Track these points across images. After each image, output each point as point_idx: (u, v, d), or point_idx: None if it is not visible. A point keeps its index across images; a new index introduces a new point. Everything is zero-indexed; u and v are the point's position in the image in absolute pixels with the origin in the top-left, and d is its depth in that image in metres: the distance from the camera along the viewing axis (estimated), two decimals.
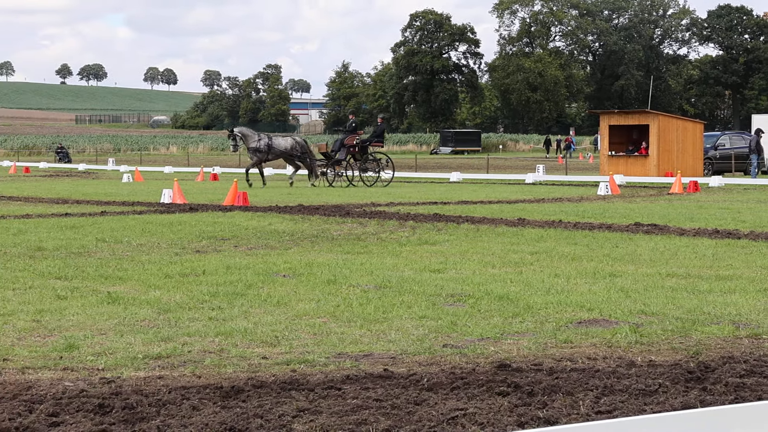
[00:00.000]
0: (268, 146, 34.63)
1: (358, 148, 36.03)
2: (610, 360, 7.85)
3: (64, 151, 73.09)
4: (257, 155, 34.66)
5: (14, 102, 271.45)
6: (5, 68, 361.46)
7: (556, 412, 6.29)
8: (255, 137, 35.04)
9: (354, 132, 36.64)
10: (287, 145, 35.30)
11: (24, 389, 6.93)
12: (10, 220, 20.23)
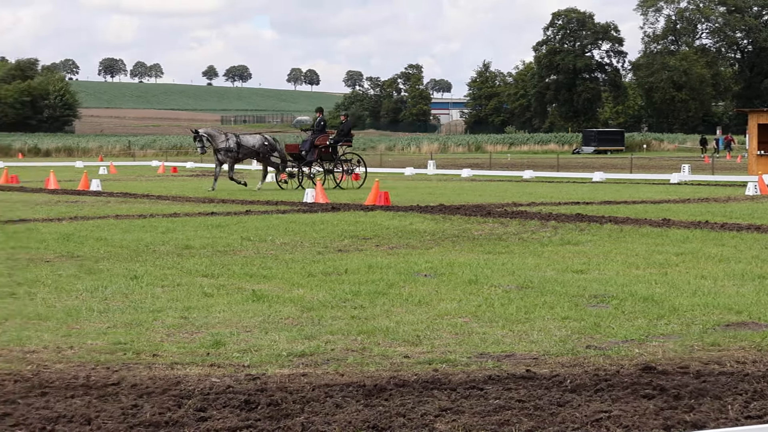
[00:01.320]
0: (237, 144, 33.17)
1: (329, 148, 34.35)
2: (759, 364, 7.66)
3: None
4: (229, 155, 32.96)
5: (163, 103, 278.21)
6: (154, 70, 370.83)
7: (704, 416, 6.17)
8: (222, 137, 33.34)
9: (323, 131, 34.40)
10: (255, 142, 33.74)
11: (173, 384, 7.10)
12: (158, 219, 20.74)
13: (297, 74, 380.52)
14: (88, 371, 7.55)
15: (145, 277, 12.21)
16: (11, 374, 7.42)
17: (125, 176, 47.39)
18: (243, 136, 33.61)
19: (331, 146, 34.09)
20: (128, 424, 6.07)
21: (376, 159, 75.33)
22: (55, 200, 27.48)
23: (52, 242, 16.05)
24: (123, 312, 10.00)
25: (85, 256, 14.43)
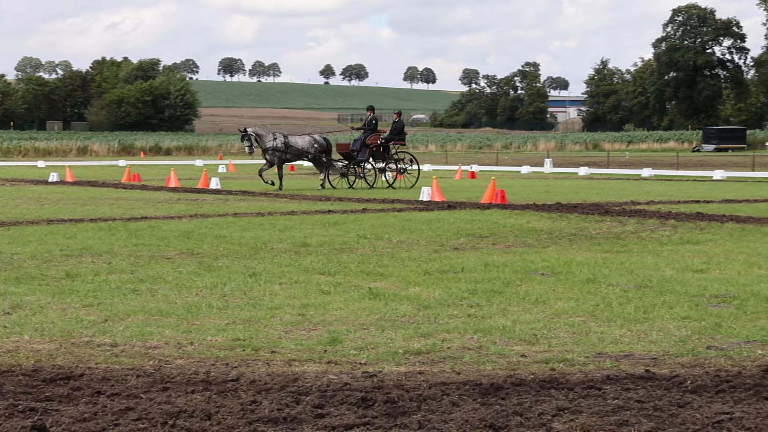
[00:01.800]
0: (285, 144, 32.80)
1: (381, 147, 33.48)
2: None
3: None
4: (276, 155, 32.71)
5: (280, 102, 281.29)
6: (272, 69, 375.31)
7: None
8: (270, 136, 33.07)
9: (375, 130, 33.63)
10: (304, 143, 33.12)
11: (291, 381, 7.17)
12: (276, 217, 20.97)
13: (413, 72, 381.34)
14: (208, 367, 7.67)
15: (263, 275, 12.36)
16: (134, 369, 7.58)
17: (244, 174, 48.03)
18: (291, 137, 33.26)
19: (383, 145, 33.46)
20: (247, 420, 6.15)
21: (492, 157, 75.08)
22: (176, 198, 27.99)
23: (173, 239, 16.35)
24: (242, 309, 10.13)
25: (204, 253, 14.66)
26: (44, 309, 10.09)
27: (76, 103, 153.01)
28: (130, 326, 9.25)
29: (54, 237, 16.63)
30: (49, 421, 6.13)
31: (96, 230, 17.87)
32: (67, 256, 14.16)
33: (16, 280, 11.87)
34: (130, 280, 11.99)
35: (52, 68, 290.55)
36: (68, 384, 7.10)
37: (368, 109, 34.55)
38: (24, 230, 17.93)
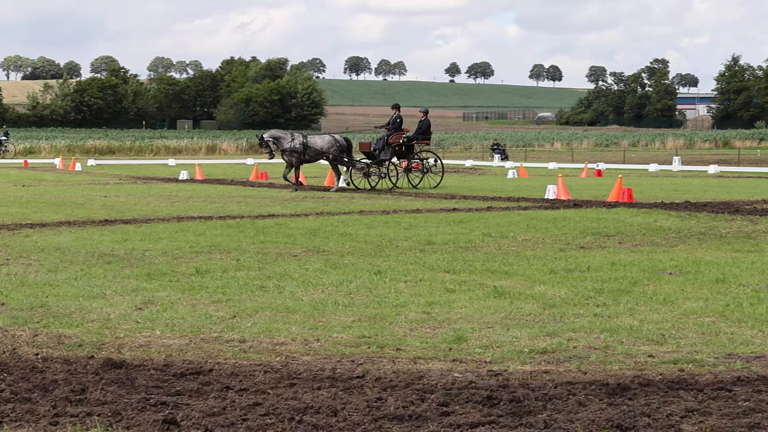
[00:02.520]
0: (303, 145, 31.61)
1: (404, 146, 32.33)
2: None
3: (501, 148, 71.98)
4: (295, 156, 31.74)
5: (405, 100, 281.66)
6: (398, 68, 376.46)
7: None
8: (288, 137, 32.18)
9: (399, 129, 32.52)
10: (323, 143, 31.93)
11: (416, 378, 7.19)
12: (401, 215, 21.04)
13: (539, 70, 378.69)
14: (334, 364, 7.74)
15: (388, 272, 12.41)
16: (262, 365, 7.69)
17: None
18: (311, 137, 32.31)
19: (406, 144, 32.38)
20: (372, 417, 6.19)
21: (619, 155, 74.11)
22: (302, 196, 28.29)
23: (300, 237, 16.53)
24: (367, 306, 10.19)
25: (330, 250, 14.79)
26: (175, 305, 10.30)
27: (206, 102, 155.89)
28: (258, 322, 9.38)
29: (184, 234, 16.96)
30: (180, 415, 6.25)
31: (225, 227, 18.17)
32: (196, 253, 14.43)
33: (147, 276, 12.15)
34: (257, 277, 12.16)
35: (182, 68, 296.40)
36: (198, 379, 7.23)
37: (393, 107, 33.53)
38: (155, 227, 18.32)
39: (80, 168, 50.78)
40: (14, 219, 19.91)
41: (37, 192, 29.51)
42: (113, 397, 6.69)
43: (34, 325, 9.28)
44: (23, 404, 6.50)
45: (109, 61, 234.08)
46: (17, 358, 7.92)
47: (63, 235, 16.95)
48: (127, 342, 8.58)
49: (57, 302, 10.42)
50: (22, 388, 6.89)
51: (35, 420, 6.18)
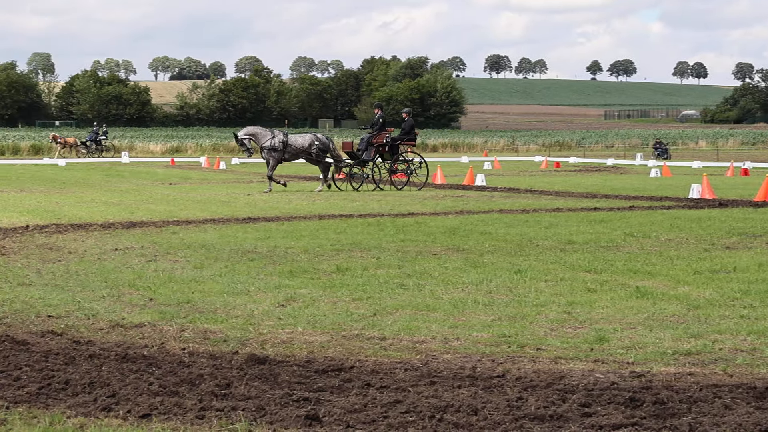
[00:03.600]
0: (284, 143, 30.20)
1: (387, 147, 31.00)
2: None
3: (663, 147, 70.43)
4: (273, 155, 30.25)
5: (546, 99, 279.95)
6: (539, 66, 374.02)
7: None
8: (268, 134, 30.74)
9: (382, 129, 31.25)
10: (304, 141, 30.53)
11: (557, 378, 7.14)
12: (541, 214, 20.90)
13: (683, 67, 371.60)
14: (474, 362, 7.73)
15: (528, 271, 12.34)
16: (402, 362, 7.73)
17: (508, 171, 48.10)
18: (292, 136, 31.14)
19: (390, 145, 31.12)
20: (513, 416, 6.17)
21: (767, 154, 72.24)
22: (442, 195, 28.33)
23: (439, 235, 16.55)
24: (507, 305, 10.16)
25: (470, 249, 14.77)
26: (316, 302, 10.43)
27: (347, 101, 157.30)
28: (398, 320, 9.43)
29: (325, 232, 17.15)
30: (322, 411, 6.33)
31: (365, 225, 18.31)
32: (337, 251, 14.57)
33: (290, 274, 12.32)
34: (397, 275, 12.22)
35: (324, 67, 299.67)
36: (339, 375, 7.31)
37: (375, 107, 32.66)
38: (297, 225, 18.57)
39: (224, 166, 51.74)
40: (162, 216, 20.41)
41: (183, 190, 30.19)
42: (257, 392, 6.81)
43: (181, 320, 9.50)
44: (171, 398, 6.66)
45: (253, 62, 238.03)
46: (165, 352, 8.13)
47: (208, 232, 17.31)
48: (270, 338, 8.72)
49: (202, 298, 10.65)
50: (169, 382, 7.06)
51: (182, 413, 6.32)
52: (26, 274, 12.33)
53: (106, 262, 13.50)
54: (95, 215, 20.55)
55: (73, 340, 8.56)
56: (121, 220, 19.51)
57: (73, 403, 6.54)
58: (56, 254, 14.26)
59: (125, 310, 10.03)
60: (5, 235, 16.60)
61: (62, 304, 10.32)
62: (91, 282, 11.74)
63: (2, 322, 9.42)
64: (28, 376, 7.21)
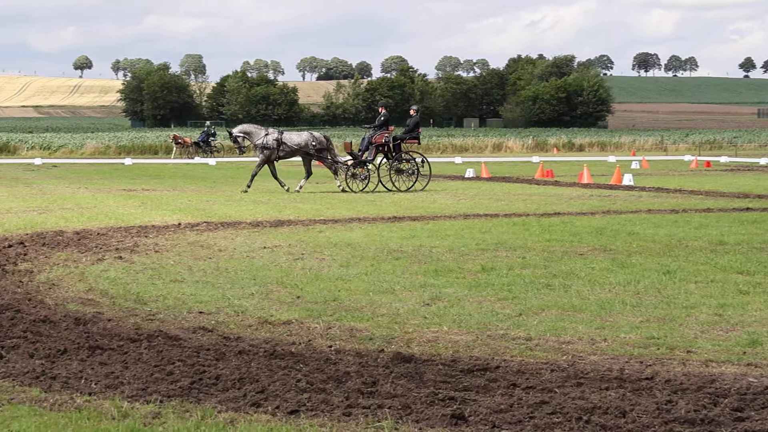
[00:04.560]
0: (278, 141, 29.37)
1: (389, 146, 29.92)
2: None
3: None
4: (264, 152, 29.53)
5: (696, 97, 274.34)
6: (689, 63, 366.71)
7: None
8: (261, 133, 29.93)
9: (383, 128, 30.18)
10: (300, 139, 29.67)
11: (707, 382, 6.99)
12: (691, 214, 20.48)
13: None
14: (622, 364, 7.63)
15: (677, 273, 12.11)
16: (548, 363, 7.67)
17: (657, 171, 47.26)
18: (287, 134, 30.24)
19: (388, 144, 30.02)
20: (662, 420, 6.06)
21: None
22: (588, 194, 28.00)
23: (586, 235, 16.37)
24: (655, 307, 9.99)
25: (617, 249, 14.57)
26: (461, 301, 10.42)
27: (492, 100, 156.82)
28: (544, 321, 9.36)
29: (470, 231, 17.13)
30: (468, 410, 6.32)
31: (510, 225, 18.22)
32: (482, 250, 14.54)
33: (435, 273, 12.34)
34: (543, 275, 12.13)
35: (469, 67, 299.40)
36: (485, 375, 7.29)
37: (380, 105, 31.82)
38: (442, 224, 18.59)
39: None
40: (308, 215, 20.68)
41: (330, 189, 30.50)
42: (403, 390, 6.84)
43: (328, 318, 9.61)
44: (318, 394, 6.74)
45: (399, 61, 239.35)
46: (312, 349, 8.23)
47: (354, 231, 17.46)
48: (415, 337, 8.76)
49: (348, 296, 10.75)
50: (317, 379, 7.15)
51: (329, 410, 6.40)
52: (178, 271, 12.64)
53: (255, 259, 13.74)
54: (244, 214, 20.93)
55: (223, 336, 8.74)
56: (270, 218, 19.83)
57: (223, 398, 6.68)
58: (207, 252, 14.58)
59: (273, 307, 10.20)
60: (158, 233, 17.04)
61: (213, 300, 10.55)
62: (241, 279, 11.97)
63: (156, 317, 9.68)
64: (181, 371, 7.39)
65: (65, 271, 12.64)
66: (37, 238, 15.93)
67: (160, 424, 6.15)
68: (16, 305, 10.16)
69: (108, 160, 61.73)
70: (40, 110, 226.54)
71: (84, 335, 8.71)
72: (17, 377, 7.24)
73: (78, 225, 18.16)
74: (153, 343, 8.37)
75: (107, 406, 6.49)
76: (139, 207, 22.73)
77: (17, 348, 8.19)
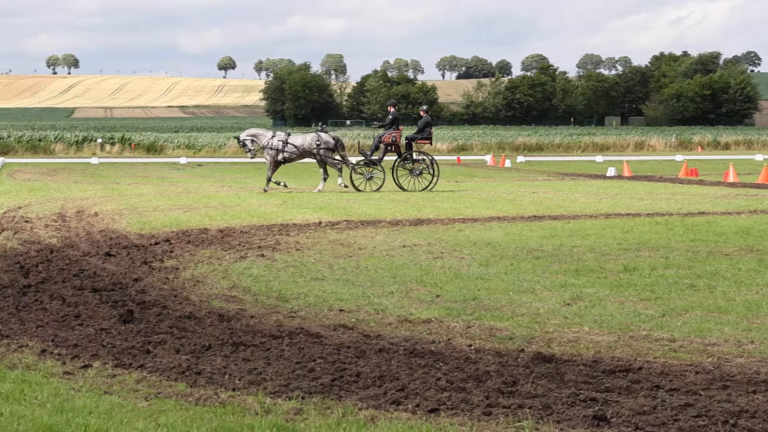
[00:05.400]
0: (284, 143, 29.08)
1: (397, 146, 29.23)
2: None
3: None
4: (270, 153, 29.23)
5: None
6: None
7: None
8: (267, 135, 29.84)
9: (393, 127, 29.59)
10: (305, 141, 29.22)
11: None
12: None
13: None
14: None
15: None
16: (692, 365, 7.53)
17: None
18: (293, 136, 29.81)
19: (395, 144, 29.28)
20: None
21: None
22: (734, 194, 27.36)
23: (731, 236, 16.00)
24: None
25: (764, 250, 14.21)
26: (602, 301, 10.30)
27: (635, 98, 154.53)
28: (688, 322, 9.19)
29: (611, 231, 16.91)
30: (609, 411, 6.25)
31: (652, 225, 17.93)
32: (624, 250, 14.34)
33: (575, 272, 12.22)
34: (687, 275, 11.91)
35: (611, 64, 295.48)
36: (627, 376, 7.19)
37: (389, 104, 31.24)
38: (583, 224, 18.39)
39: (509, 164, 51.91)
40: (448, 214, 20.69)
41: (469, 188, 30.48)
42: (543, 390, 6.80)
43: (467, 317, 9.60)
44: (458, 393, 6.74)
45: (540, 59, 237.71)
46: (452, 348, 8.23)
47: (493, 230, 17.40)
48: (555, 337, 8.69)
49: (488, 295, 10.72)
50: (456, 378, 7.15)
51: (469, 409, 6.39)
52: (319, 269, 12.78)
53: (395, 258, 13.81)
54: (383, 212, 21.06)
55: (363, 334, 8.81)
56: (409, 217, 19.90)
57: (363, 396, 6.73)
58: (347, 250, 14.71)
59: (413, 305, 10.23)
60: (299, 231, 17.26)
61: (353, 298, 10.64)
62: (380, 278, 12.04)
63: (297, 315, 9.80)
64: (322, 368, 7.47)
65: (209, 269, 12.91)
66: (183, 236, 16.31)
67: (302, 420, 6.23)
68: (163, 301, 10.42)
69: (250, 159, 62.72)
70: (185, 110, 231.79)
71: (228, 331, 8.88)
72: (164, 372, 7.42)
73: (222, 223, 18.52)
74: (294, 340, 8.49)
75: (250, 402, 6.60)
76: (281, 205, 23.06)
77: (164, 343, 8.40)
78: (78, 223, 18.51)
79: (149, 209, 21.77)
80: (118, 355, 7.95)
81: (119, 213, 20.62)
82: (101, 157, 60.14)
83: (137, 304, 10.18)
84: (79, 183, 32.77)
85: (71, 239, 15.87)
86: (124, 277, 12.09)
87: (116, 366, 7.60)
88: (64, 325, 9.22)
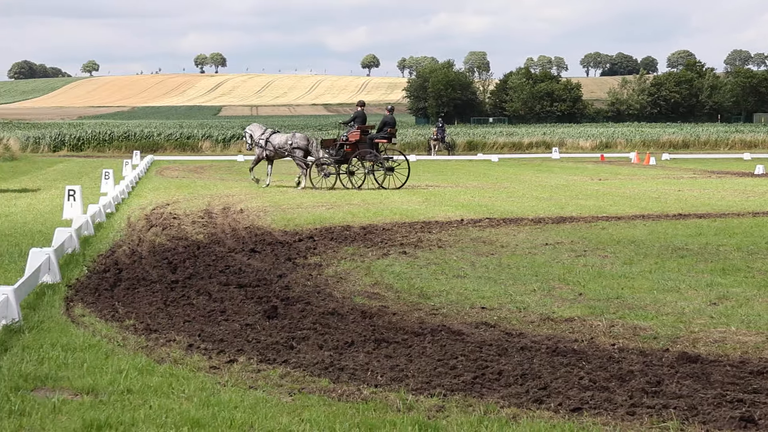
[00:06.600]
0: (266, 141, 29.97)
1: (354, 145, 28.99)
2: None
3: None
4: (257, 150, 30.51)
5: None
6: None
7: None
8: (259, 132, 30.84)
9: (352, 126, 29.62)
10: (279, 140, 29.85)
11: None
12: None
13: None
14: None
15: None
16: None
17: None
18: (274, 135, 30.51)
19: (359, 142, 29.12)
20: None
21: None
22: None
23: None
24: None
25: None
26: (750, 301, 10.09)
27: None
28: None
29: (759, 229, 16.52)
30: (757, 413, 6.12)
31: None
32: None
33: (722, 271, 11.98)
34: None
35: (761, 60, 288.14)
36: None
37: (358, 104, 31.09)
38: (729, 222, 18.01)
39: (654, 162, 51.06)
40: (591, 212, 20.47)
41: (613, 185, 30.10)
42: (688, 391, 6.69)
43: (610, 315, 9.50)
44: (601, 393, 6.69)
45: (686, 56, 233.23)
46: (595, 347, 8.17)
47: (637, 228, 17.16)
48: (701, 336, 8.54)
49: (632, 294, 10.59)
50: (599, 377, 7.09)
51: (612, 409, 6.34)
52: (461, 267, 12.80)
53: (537, 256, 13.74)
54: (526, 210, 20.95)
55: (505, 332, 8.80)
56: (551, 215, 19.76)
57: (505, 394, 6.73)
58: (489, 247, 14.69)
59: (555, 303, 10.17)
60: (442, 229, 17.30)
61: (495, 296, 10.63)
62: (522, 275, 12.00)
63: (439, 312, 9.84)
64: (464, 366, 7.49)
65: (352, 265, 13.04)
66: (326, 233, 16.51)
67: (443, 417, 6.26)
68: (306, 298, 10.57)
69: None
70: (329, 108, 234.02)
71: (370, 328, 8.96)
72: (307, 368, 7.53)
73: (364, 220, 18.68)
74: (436, 338, 8.52)
75: (392, 398, 6.66)
76: (423, 203, 23.13)
77: (307, 339, 8.52)
78: (224, 219, 18.90)
79: (293, 206, 22.09)
80: (263, 351, 8.10)
81: (264, 210, 20.98)
82: (246, 155, 61.20)
83: (281, 300, 10.35)
84: (225, 180, 33.42)
85: (217, 235, 16.22)
86: (269, 273, 12.30)
87: (261, 361, 7.75)
88: (210, 320, 9.44)
